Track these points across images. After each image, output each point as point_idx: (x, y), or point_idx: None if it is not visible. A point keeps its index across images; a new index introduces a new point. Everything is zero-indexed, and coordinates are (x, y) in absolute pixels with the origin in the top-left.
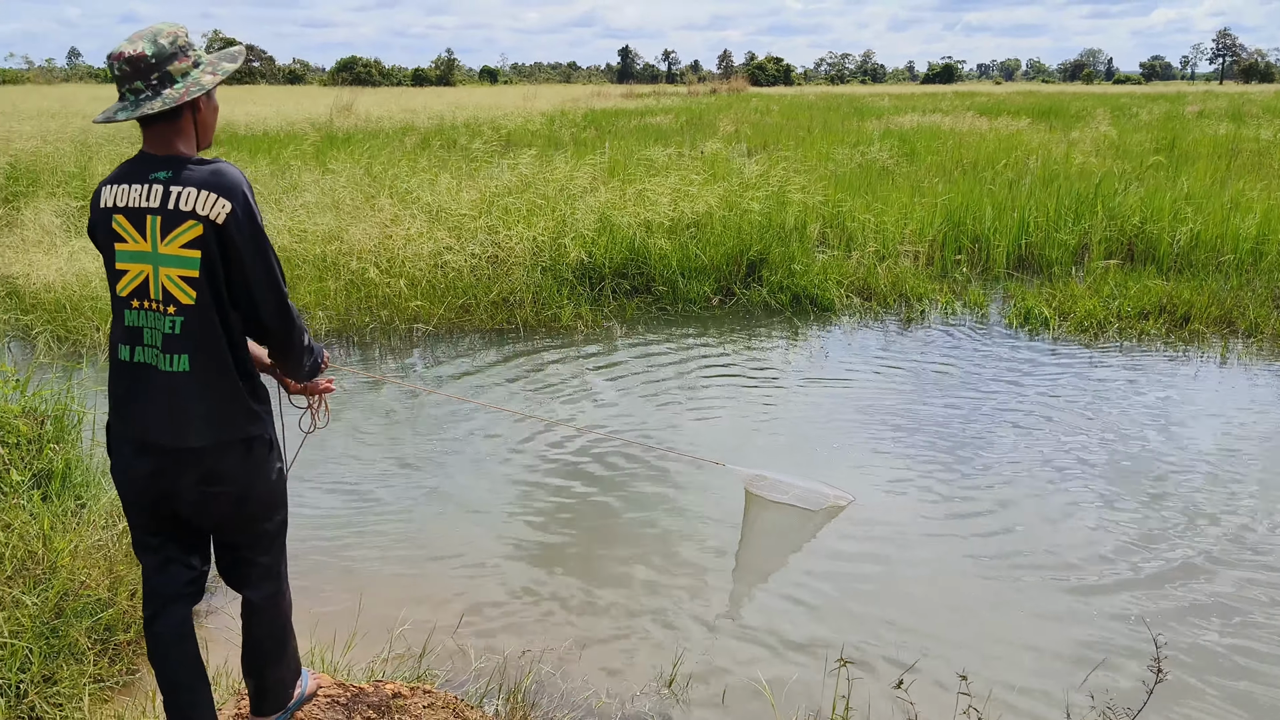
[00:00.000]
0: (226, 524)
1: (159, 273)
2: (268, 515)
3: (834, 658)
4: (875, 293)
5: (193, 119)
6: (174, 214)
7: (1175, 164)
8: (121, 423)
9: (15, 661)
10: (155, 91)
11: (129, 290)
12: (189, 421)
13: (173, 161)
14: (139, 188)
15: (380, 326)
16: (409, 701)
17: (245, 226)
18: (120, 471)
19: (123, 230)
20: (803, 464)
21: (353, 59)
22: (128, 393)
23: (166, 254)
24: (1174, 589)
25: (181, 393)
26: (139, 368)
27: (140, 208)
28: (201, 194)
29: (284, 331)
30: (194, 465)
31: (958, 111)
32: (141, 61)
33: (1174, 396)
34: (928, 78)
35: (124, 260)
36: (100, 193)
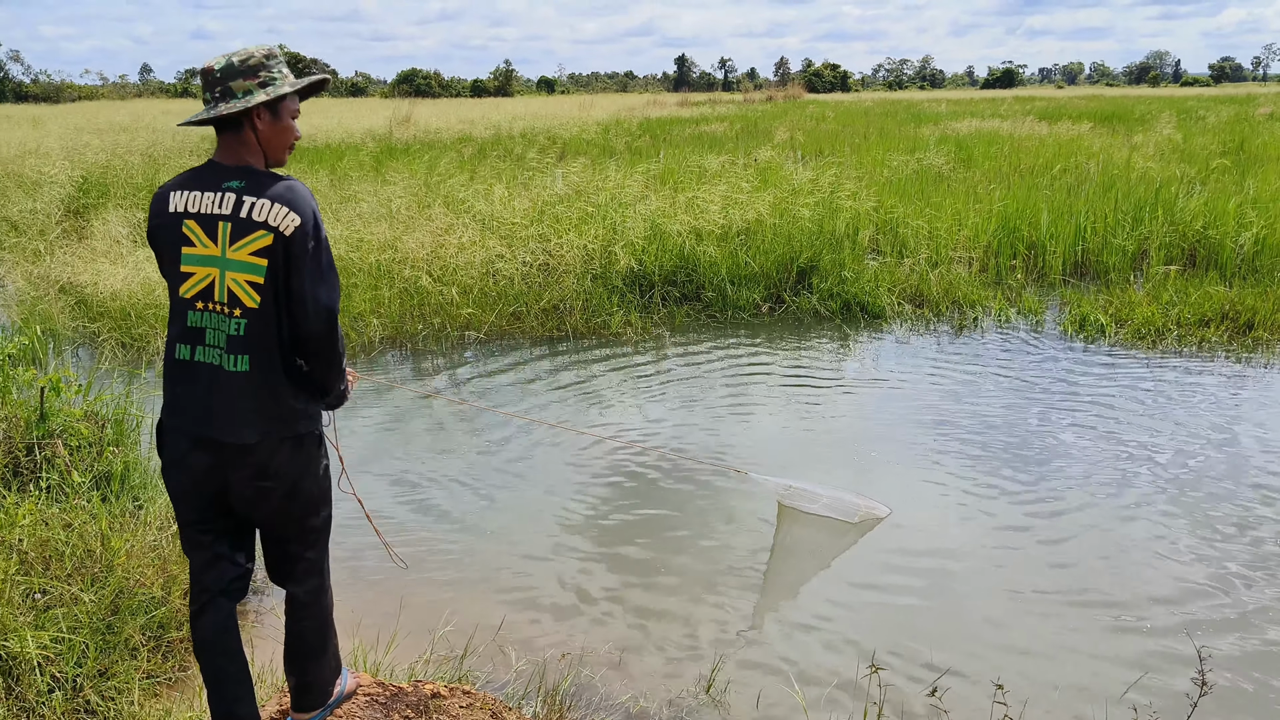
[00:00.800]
0: (276, 518)
1: (225, 276)
2: (315, 511)
3: (868, 664)
4: (927, 300)
5: (255, 135)
6: (246, 222)
7: (1242, 167)
8: (178, 419)
9: (73, 656)
10: (214, 104)
11: (194, 292)
12: (247, 419)
13: (245, 172)
14: (211, 195)
15: (432, 333)
16: (448, 702)
17: (311, 240)
18: (175, 466)
19: (193, 234)
20: (851, 472)
21: (413, 71)
22: (187, 391)
23: (235, 259)
24: (1223, 606)
25: (241, 391)
26: (199, 366)
27: (213, 214)
28: (274, 206)
29: (328, 344)
30: (249, 461)
31: (1017, 116)
32: (210, 75)
33: (1236, 407)
34: (988, 83)
35: (191, 263)
36: (168, 197)
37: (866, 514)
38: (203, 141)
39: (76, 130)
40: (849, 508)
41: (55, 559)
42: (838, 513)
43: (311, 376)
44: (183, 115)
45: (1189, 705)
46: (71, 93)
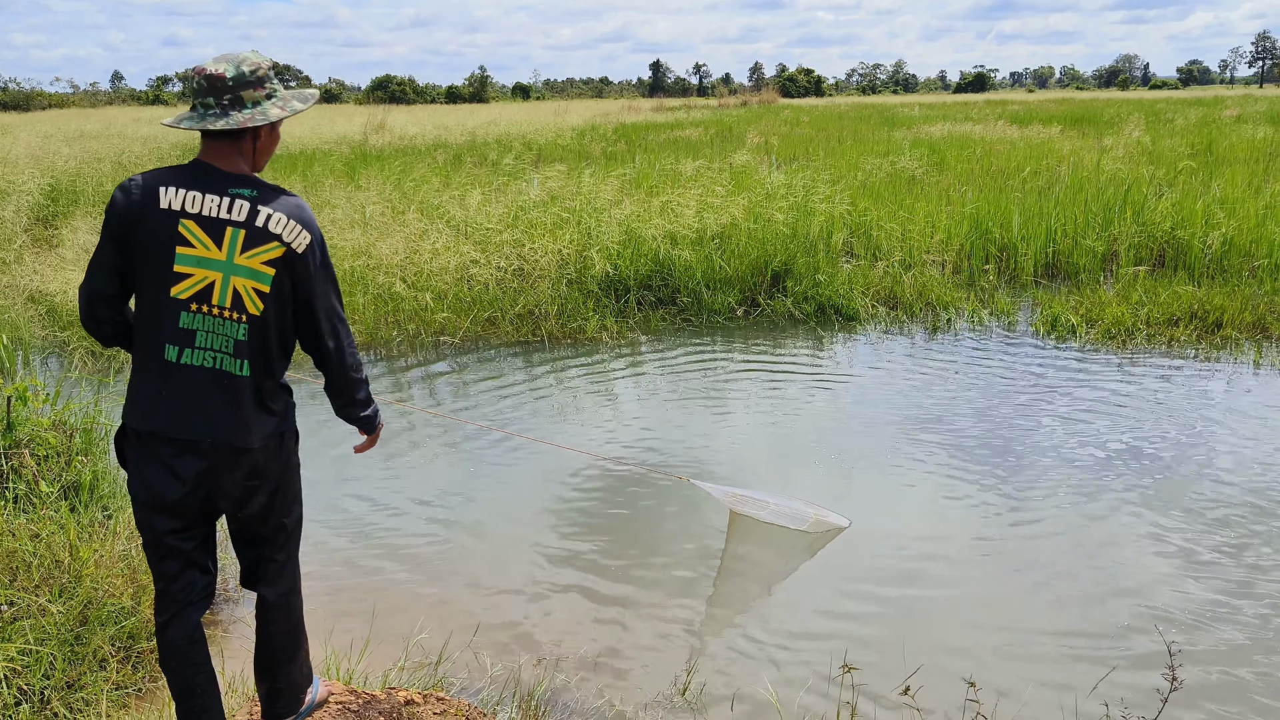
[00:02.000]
0: (258, 517)
1: (230, 281)
2: (289, 509)
3: (840, 665)
4: (901, 302)
5: (253, 143)
6: (262, 232)
7: (1210, 169)
8: (159, 422)
9: (40, 668)
10: (224, 111)
11: (189, 294)
12: (248, 423)
13: (252, 182)
14: (216, 199)
15: (407, 339)
16: (421, 709)
17: (319, 257)
18: (158, 472)
19: (192, 236)
20: (824, 473)
21: (387, 77)
22: (175, 393)
23: (243, 265)
24: (1193, 602)
25: (242, 395)
26: (191, 370)
27: (219, 218)
28: (290, 222)
29: (340, 352)
30: (246, 462)
31: (989, 120)
32: (220, 81)
33: (1205, 406)
34: (960, 87)
35: (186, 264)
36: (157, 193)
37: (819, 523)
38: (174, 149)
39: (46, 138)
40: (801, 515)
41: (22, 570)
42: (791, 521)
43: (333, 386)
44: (153, 122)
45: (1160, 701)
46: (42, 100)
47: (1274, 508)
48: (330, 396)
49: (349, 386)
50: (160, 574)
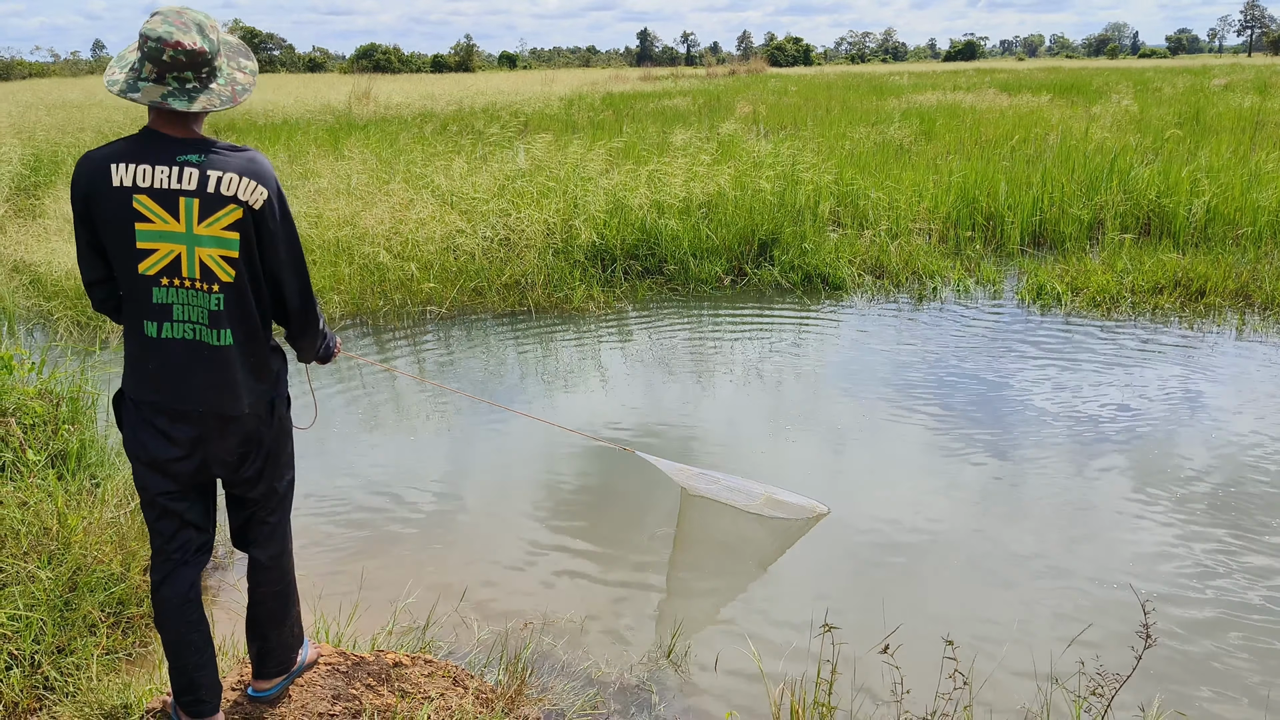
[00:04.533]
0: (251, 481)
1: (195, 252)
2: (281, 474)
3: (822, 625)
4: (887, 271)
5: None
6: (215, 198)
7: (1196, 137)
8: (154, 394)
9: (30, 634)
10: (203, 85)
11: (158, 269)
12: (236, 391)
13: (200, 145)
14: (165, 169)
15: (393, 309)
16: (410, 670)
17: (278, 211)
18: (154, 438)
19: (147, 210)
20: (811, 441)
21: (372, 46)
22: (161, 367)
23: (205, 235)
24: (1170, 564)
25: (229, 365)
26: (172, 343)
27: (171, 189)
28: (242, 180)
29: (305, 312)
30: (237, 429)
31: (978, 89)
32: (200, 56)
33: (1187, 372)
34: (949, 55)
35: (148, 239)
36: (109, 170)
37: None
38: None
39: (26, 108)
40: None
41: (10, 537)
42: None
43: (291, 340)
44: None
45: (1134, 658)
46: (21, 70)
47: (1253, 476)
48: (292, 345)
49: (311, 342)
50: (157, 532)
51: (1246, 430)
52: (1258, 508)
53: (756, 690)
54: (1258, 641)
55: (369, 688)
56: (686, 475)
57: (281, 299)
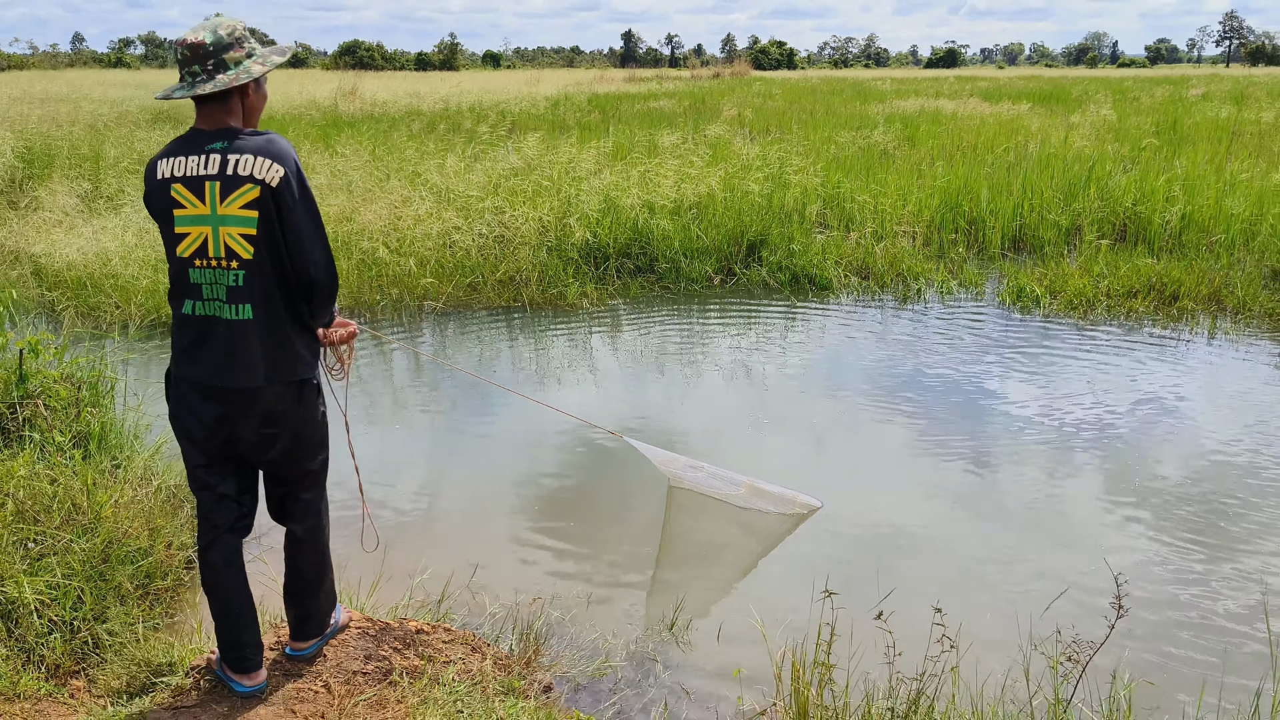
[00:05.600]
0: (280, 463)
1: (219, 232)
2: (313, 454)
3: (820, 595)
4: (873, 272)
5: (241, 102)
6: (233, 179)
7: (1173, 147)
8: (190, 370)
9: (68, 601)
10: (210, 76)
11: (191, 251)
12: (252, 364)
13: (226, 133)
14: (196, 158)
15: (391, 304)
16: (430, 637)
17: (296, 188)
18: (187, 414)
19: (182, 197)
20: (798, 438)
21: (356, 43)
22: (193, 343)
23: (226, 214)
24: (1141, 545)
25: (246, 338)
26: (202, 320)
27: (199, 175)
28: (258, 160)
29: (328, 285)
30: (256, 407)
31: (960, 96)
32: (201, 49)
33: (1159, 374)
34: (931, 62)
35: (184, 224)
36: (156, 166)
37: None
38: (143, 114)
39: (13, 100)
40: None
41: (44, 511)
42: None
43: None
44: (121, 85)
45: (1107, 627)
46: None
47: (1221, 471)
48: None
49: (324, 314)
50: (200, 502)
51: (1216, 428)
52: (1223, 499)
53: (758, 656)
54: (1216, 618)
55: (396, 650)
56: (676, 465)
57: (306, 271)
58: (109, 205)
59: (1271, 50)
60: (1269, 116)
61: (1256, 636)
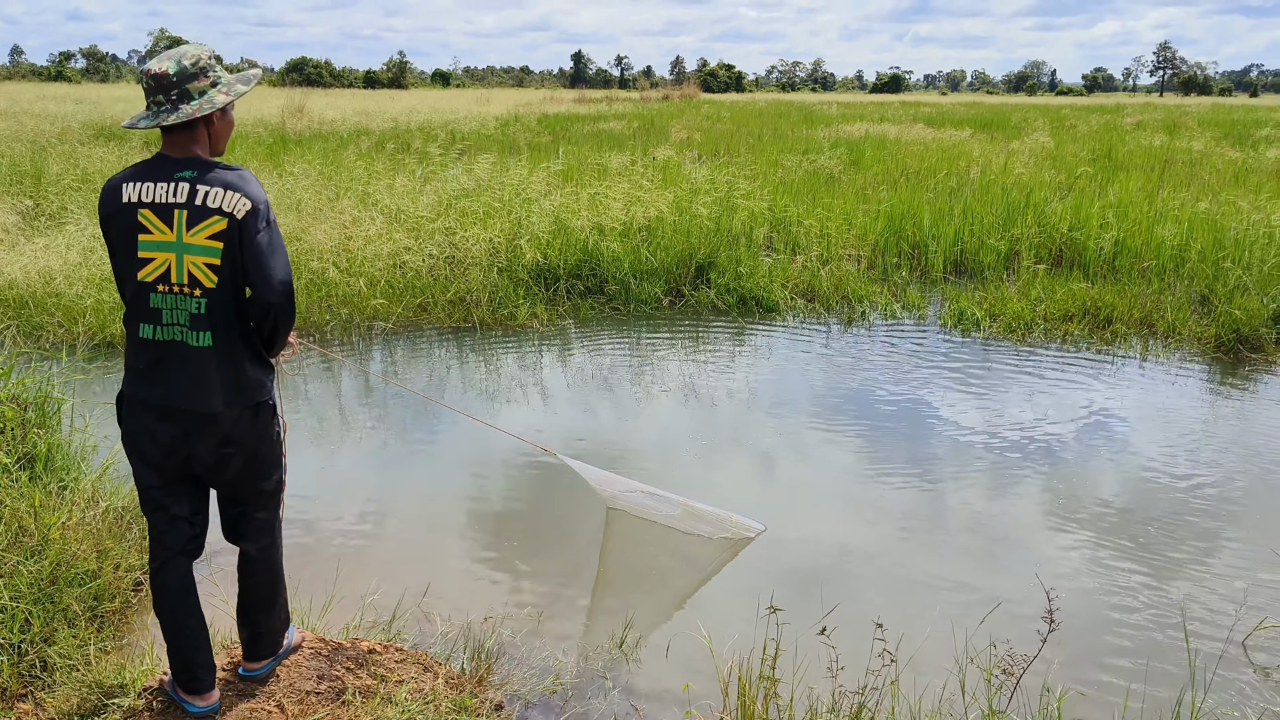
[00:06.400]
0: (235, 482)
1: (183, 260)
2: (268, 474)
3: (765, 611)
4: (819, 295)
5: (206, 130)
6: (201, 209)
7: (1107, 174)
8: (145, 391)
9: (16, 624)
10: (174, 106)
11: (154, 276)
12: (213, 390)
13: (195, 163)
14: (164, 185)
15: (340, 324)
16: (383, 656)
17: (263, 221)
18: (142, 435)
19: (148, 223)
20: (740, 458)
21: (303, 59)
22: (150, 365)
23: (192, 243)
24: (1072, 561)
25: (206, 365)
26: (161, 345)
27: (167, 203)
28: (227, 193)
29: (286, 313)
30: (215, 429)
31: (904, 122)
32: (165, 79)
33: (1094, 393)
34: (876, 87)
35: (148, 249)
36: (120, 189)
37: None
38: (84, 129)
39: None
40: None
41: None
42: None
43: (262, 337)
44: (61, 100)
45: (1039, 640)
46: None
47: (1150, 489)
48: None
49: (280, 343)
50: (152, 523)
51: (1147, 449)
52: (1151, 516)
53: (705, 671)
54: (1142, 630)
55: (349, 670)
56: (613, 485)
57: (266, 299)
58: (51, 223)
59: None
60: (1199, 145)
61: (1177, 648)
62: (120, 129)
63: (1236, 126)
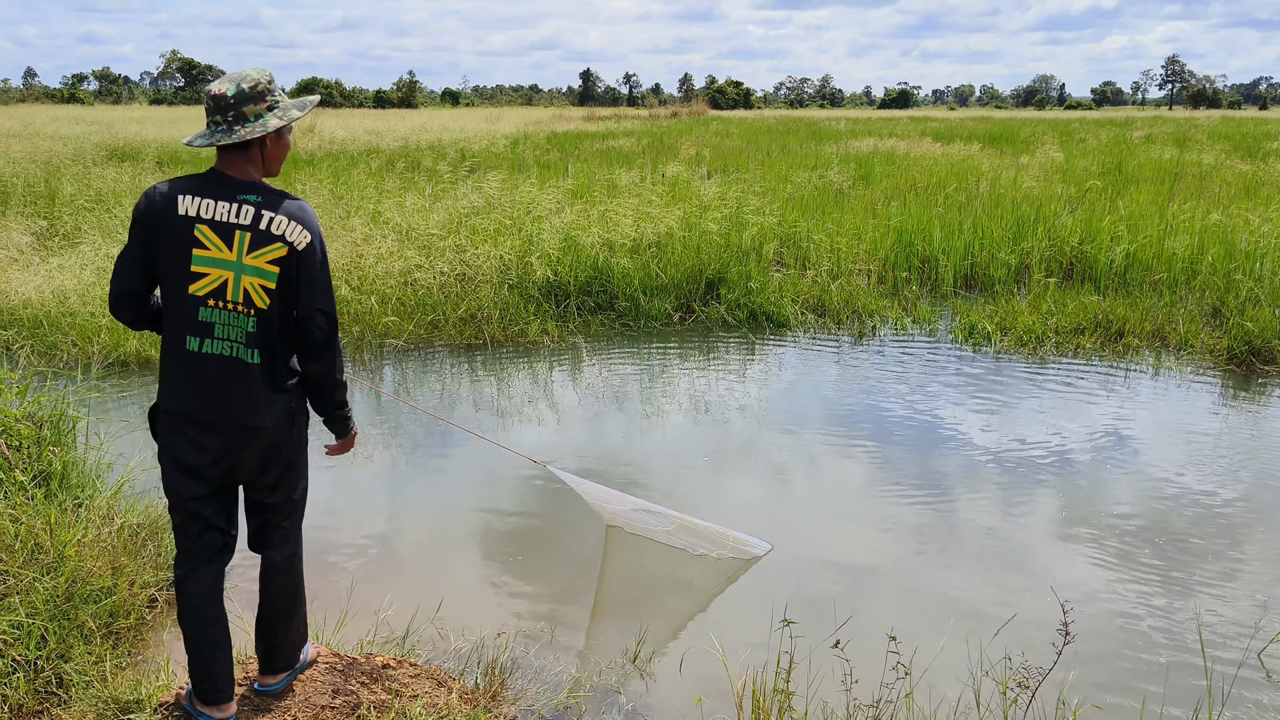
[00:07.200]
0: (269, 488)
1: (241, 279)
2: (298, 483)
3: (778, 624)
4: (829, 309)
5: (261, 152)
6: (265, 234)
7: (1117, 187)
8: (186, 405)
9: (32, 640)
10: (229, 127)
11: (206, 290)
12: (259, 404)
13: (259, 188)
14: (226, 205)
15: (352, 342)
16: (397, 671)
17: (318, 255)
18: (185, 446)
19: (205, 238)
20: (753, 474)
21: (314, 80)
22: (196, 378)
23: (251, 265)
24: (1087, 576)
25: (255, 380)
26: (210, 358)
27: (229, 223)
28: (290, 223)
29: (329, 344)
30: (260, 440)
31: (913, 137)
32: (223, 100)
33: (1106, 407)
34: (884, 103)
35: (203, 264)
36: (177, 200)
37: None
38: (98, 150)
39: None
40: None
41: (6, 551)
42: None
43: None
44: (74, 121)
45: (1054, 653)
46: None
47: (1165, 502)
48: (310, 393)
49: (331, 386)
50: (184, 533)
51: (1160, 461)
52: (1166, 529)
53: (718, 685)
54: (1158, 644)
55: (363, 685)
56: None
57: (310, 330)
58: (65, 243)
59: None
60: (1209, 158)
61: (1194, 662)
62: (132, 149)
63: (1246, 139)
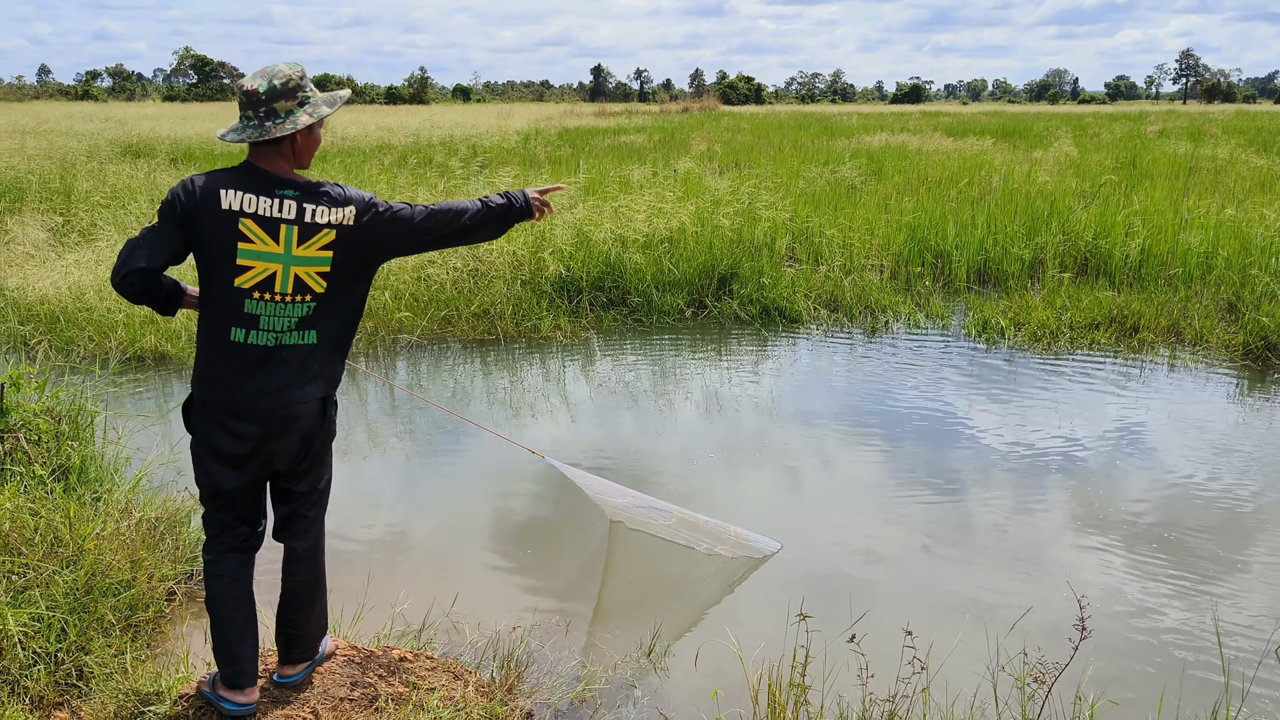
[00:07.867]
0: (299, 476)
1: (290, 270)
2: (323, 473)
3: (794, 619)
4: (842, 305)
5: (291, 147)
6: (311, 225)
7: (1131, 182)
8: (226, 395)
9: (52, 633)
10: (260, 123)
11: (253, 283)
12: (310, 381)
13: (294, 184)
14: (268, 200)
15: (365, 337)
16: (413, 664)
17: (375, 212)
18: (220, 436)
19: (250, 232)
20: (765, 470)
21: (325, 77)
22: (240, 368)
23: (302, 255)
24: (1104, 571)
25: (306, 360)
26: (254, 349)
27: (273, 218)
28: (333, 209)
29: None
30: (297, 428)
31: (925, 132)
32: (255, 96)
33: (1121, 404)
34: (896, 98)
35: (248, 258)
36: (219, 195)
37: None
38: (111, 147)
39: None
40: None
41: (26, 544)
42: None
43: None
44: (88, 118)
45: (1071, 648)
46: None
47: (1180, 498)
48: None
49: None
50: (215, 521)
51: (1176, 456)
52: (1182, 524)
53: (734, 679)
54: (1175, 639)
55: (381, 677)
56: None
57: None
58: (82, 239)
59: (1226, 87)
60: (1224, 153)
61: (1211, 657)
62: (146, 146)
63: (1262, 133)
